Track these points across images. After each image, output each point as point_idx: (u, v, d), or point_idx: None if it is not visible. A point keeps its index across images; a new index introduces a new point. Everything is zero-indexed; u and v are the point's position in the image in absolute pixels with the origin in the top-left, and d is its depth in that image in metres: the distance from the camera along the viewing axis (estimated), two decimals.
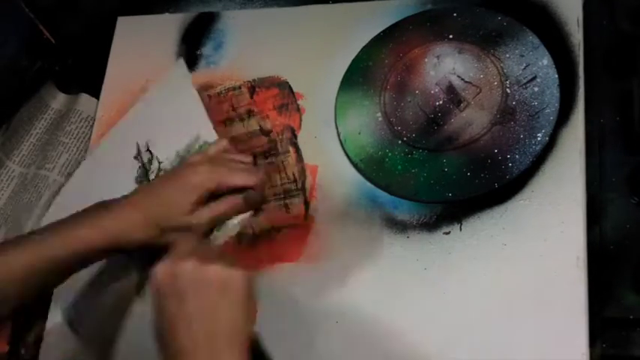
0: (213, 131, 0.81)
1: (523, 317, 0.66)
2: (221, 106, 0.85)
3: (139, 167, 0.82)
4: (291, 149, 0.80)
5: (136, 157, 0.82)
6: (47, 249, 0.66)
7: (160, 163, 0.82)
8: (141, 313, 0.76)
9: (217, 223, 0.71)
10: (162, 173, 0.81)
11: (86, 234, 0.67)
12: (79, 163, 0.86)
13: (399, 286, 0.70)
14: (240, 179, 0.71)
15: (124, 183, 0.82)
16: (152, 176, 0.82)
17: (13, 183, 0.86)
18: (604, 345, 0.65)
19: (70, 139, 0.87)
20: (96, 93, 0.90)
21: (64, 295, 0.79)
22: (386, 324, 0.69)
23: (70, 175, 0.85)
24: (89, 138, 0.88)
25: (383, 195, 0.75)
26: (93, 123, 0.89)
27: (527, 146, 0.72)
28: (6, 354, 0.80)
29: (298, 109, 0.82)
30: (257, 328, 0.71)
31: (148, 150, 0.83)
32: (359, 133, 0.78)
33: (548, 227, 0.68)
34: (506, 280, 0.68)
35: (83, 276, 0.77)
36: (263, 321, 0.72)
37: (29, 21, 0.87)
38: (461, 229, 0.71)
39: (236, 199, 0.71)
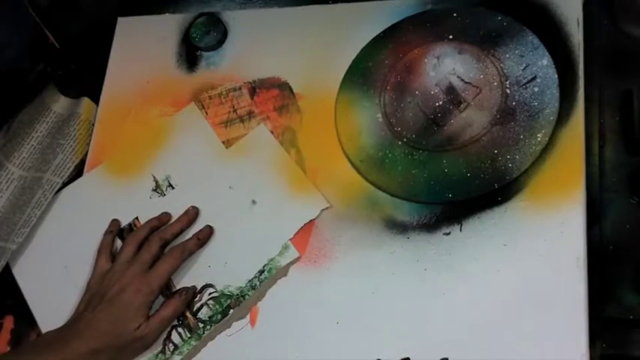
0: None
1: (523, 317, 0.66)
2: (221, 107, 0.85)
3: (153, 189, 0.82)
4: (291, 150, 0.80)
5: (154, 190, 0.82)
6: None
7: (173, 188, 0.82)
8: None
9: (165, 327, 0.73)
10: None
11: None
12: (74, 163, 0.86)
13: (399, 286, 0.70)
14: (165, 271, 0.73)
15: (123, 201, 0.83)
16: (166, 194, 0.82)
17: (12, 186, 0.85)
18: (604, 345, 0.65)
19: (68, 140, 0.87)
20: (96, 95, 0.90)
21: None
22: (386, 324, 0.69)
23: (63, 175, 0.85)
24: (86, 140, 0.88)
25: (383, 196, 0.75)
26: (90, 126, 0.88)
27: (527, 146, 0.72)
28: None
29: (298, 110, 0.82)
30: (257, 328, 0.72)
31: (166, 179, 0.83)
32: (359, 134, 0.78)
33: (548, 227, 0.68)
34: (506, 280, 0.68)
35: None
36: (263, 321, 0.72)
37: (33, 23, 0.87)
38: (461, 230, 0.71)
39: (175, 301, 0.73)
